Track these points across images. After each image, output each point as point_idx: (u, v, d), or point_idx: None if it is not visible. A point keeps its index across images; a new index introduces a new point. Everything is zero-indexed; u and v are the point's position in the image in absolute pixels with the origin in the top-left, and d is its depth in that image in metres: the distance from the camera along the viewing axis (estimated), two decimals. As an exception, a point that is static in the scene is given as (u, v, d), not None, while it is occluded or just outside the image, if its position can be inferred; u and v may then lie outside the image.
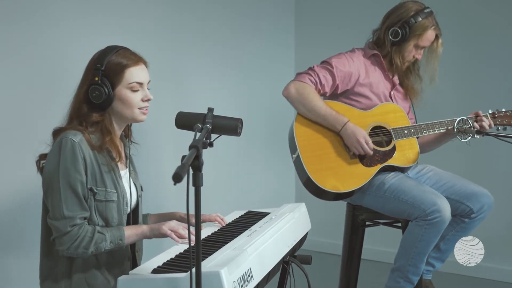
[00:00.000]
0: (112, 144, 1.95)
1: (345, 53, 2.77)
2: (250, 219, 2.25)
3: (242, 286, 1.54)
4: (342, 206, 2.89)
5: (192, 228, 1.68)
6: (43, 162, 1.93)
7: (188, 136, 1.70)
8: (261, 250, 1.73)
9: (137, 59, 1.95)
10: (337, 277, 2.92)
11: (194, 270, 1.44)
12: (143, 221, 2.19)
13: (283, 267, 2.05)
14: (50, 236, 1.88)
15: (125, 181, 2.01)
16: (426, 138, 2.82)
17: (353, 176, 2.61)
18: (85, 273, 1.91)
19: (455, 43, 3.72)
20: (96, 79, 1.88)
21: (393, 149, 2.69)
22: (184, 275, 1.53)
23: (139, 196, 2.09)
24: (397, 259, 2.60)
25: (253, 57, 4.16)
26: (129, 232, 1.91)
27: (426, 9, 2.67)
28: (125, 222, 1.98)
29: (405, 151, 2.70)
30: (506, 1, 3.68)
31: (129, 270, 1.84)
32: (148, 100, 1.98)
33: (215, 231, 2.10)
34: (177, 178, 1.33)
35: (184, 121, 1.82)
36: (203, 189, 1.46)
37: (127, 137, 2.10)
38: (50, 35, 2.81)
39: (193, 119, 1.77)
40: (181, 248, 1.89)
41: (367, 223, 2.84)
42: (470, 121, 2.63)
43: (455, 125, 2.63)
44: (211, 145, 1.61)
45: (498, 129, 2.72)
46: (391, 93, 2.81)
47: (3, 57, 2.63)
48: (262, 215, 2.27)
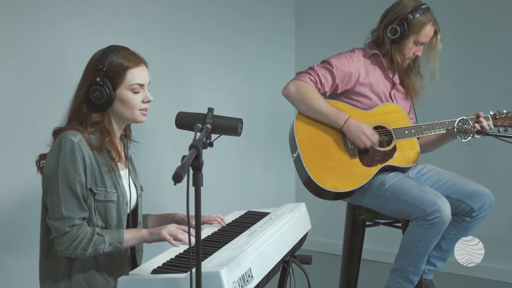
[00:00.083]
0: (111, 144, 1.95)
1: (345, 53, 2.77)
2: (250, 219, 2.25)
3: (242, 286, 1.54)
4: (342, 206, 2.89)
5: (192, 230, 1.67)
6: (43, 162, 1.92)
7: (188, 136, 1.70)
8: (261, 250, 1.73)
9: (138, 60, 1.95)
10: (337, 277, 2.92)
11: (194, 270, 1.44)
12: (143, 221, 2.19)
13: (283, 267, 2.04)
14: (50, 236, 1.88)
15: (125, 181, 2.01)
16: (426, 139, 2.82)
17: (353, 176, 2.61)
18: (85, 273, 1.91)
19: (455, 43, 3.72)
20: (98, 79, 1.88)
21: (394, 149, 2.69)
22: (184, 275, 1.53)
23: (139, 196, 2.09)
24: (397, 259, 2.60)
25: (253, 57, 4.16)
26: (129, 235, 1.91)
27: (423, 5, 2.68)
28: (125, 222, 1.98)
29: (406, 151, 2.70)
30: (506, 1, 3.67)
31: (129, 271, 1.84)
32: (149, 101, 1.98)
33: (215, 231, 2.10)
34: (177, 178, 1.33)
35: (184, 121, 1.82)
36: (203, 189, 1.46)
37: (126, 137, 2.10)
38: (50, 35, 2.80)
39: (193, 119, 1.76)
40: (181, 248, 1.89)
41: (367, 223, 2.84)
42: (471, 121, 2.63)
43: (455, 125, 2.63)
44: (211, 145, 1.60)
45: (499, 130, 2.71)
46: (391, 92, 2.81)
47: (3, 57, 2.62)
48: (262, 215, 2.27)
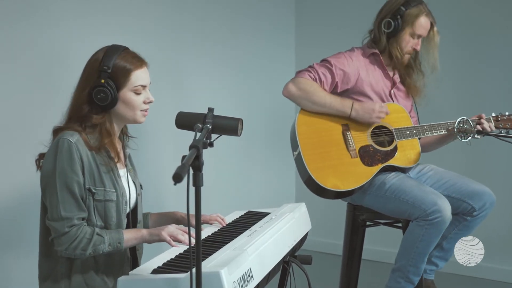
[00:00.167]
0: (111, 145, 1.95)
1: (344, 52, 2.77)
2: (250, 219, 2.25)
3: (242, 286, 1.54)
4: (342, 206, 2.89)
5: (192, 230, 1.67)
6: (42, 161, 1.92)
7: (188, 136, 1.70)
8: (261, 250, 1.73)
9: (141, 62, 1.96)
10: (337, 277, 2.92)
11: (194, 270, 1.44)
12: (143, 220, 2.19)
13: (283, 267, 2.04)
14: (49, 237, 1.87)
15: (124, 180, 2.01)
16: (428, 139, 2.82)
17: (354, 175, 2.61)
18: (84, 274, 1.91)
19: (455, 43, 3.72)
20: (102, 81, 1.88)
21: (395, 149, 2.69)
22: (184, 276, 1.53)
23: (138, 194, 2.09)
24: (397, 259, 2.60)
25: (253, 57, 4.15)
26: (128, 235, 1.90)
27: None
28: (125, 221, 1.98)
29: (407, 152, 2.70)
30: (506, 1, 3.67)
31: (129, 271, 1.84)
32: (150, 102, 1.98)
33: (215, 231, 2.09)
34: (177, 178, 1.33)
35: (184, 121, 1.82)
36: (203, 189, 1.46)
37: (123, 134, 2.10)
38: (50, 35, 2.80)
39: (193, 119, 1.76)
40: (181, 248, 1.88)
41: (367, 223, 2.84)
42: (471, 122, 2.63)
43: (456, 125, 2.63)
44: (211, 145, 1.60)
45: (500, 132, 2.71)
46: (392, 91, 2.81)
47: (3, 57, 2.62)
48: (262, 215, 2.27)
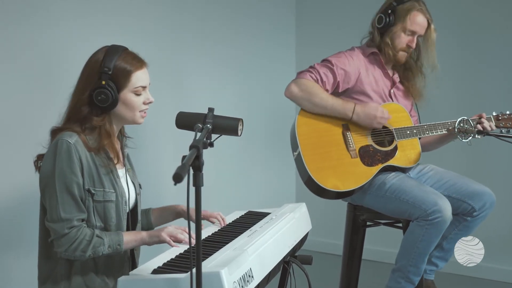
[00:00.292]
0: (110, 146, 1.94)
1: (344, 51, 2.77)
2: (250, 219, 2.25)
3: (242, 287, 1.54)
4: (342, 206, 2.89)
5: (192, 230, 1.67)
6: (40, 162, 1.92)
7: (188, 136, 1.70)
8: (261, 250, 1.73)
9: (141, 63, 1.95)
10: (337, 277, 2.92)
11: (194, 270, 1.44)
12: (145, 216, 2.20)
13: (284, 267, 2.04)
14: (48, 238, 1.87)
15: (123, 181, 2.01)
16: (428, 138, 2.81)
17: (354, 175, 2.61)
18: (84, 275, 1.91)
19: (455, 43, 3.73)
20: (103, 82, 1.88)
21: (395, 149, 2.69)
22: (184, 276, 1.53)
23: (137, 194, 2.09)
24: (398, 260, 2.60)
25: (253, 57, 4.15)
26: (128, 237, 1.90)
27: None
28: (124, 222, 1.98)
29: (407, 151, 2.70)
30: (506, 1, 3.67)
31: (129, 271, 1.84)
32: (150, 102, 1.98)
33: (215, 231, 2.09)
34: (177, 178, 1.33)
35: (185, 121, 1.82)
36: (203, 189, 1.46)
37: (121, 134, 2.10)
38: (50, 35, 2.80)
39: (194, 119, 1.76)
40: (181, 248, 1.89)
41: (368, 223, 2.84)
42: (472, 121, 2.62)
43: (456, 125, 2.62)
44: (211, 145, 1.60)
45: (501, 131, 2.70)
46: (391, 91, 2.81)
47: (3, 57, 2.62)
48: (263, 215, 2.27)
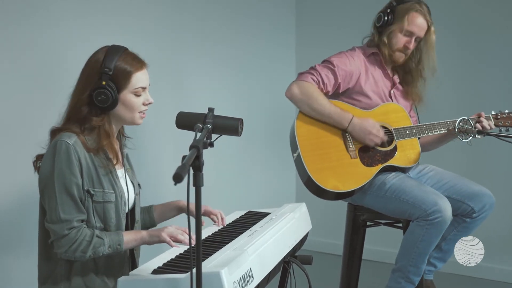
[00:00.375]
0: (110, 146, 1.94)
1: (345, 51, 2.77)
2: (250, 219, 2.25)
3: (242, 287, 1.54)
4: (343, 206, 2.89)
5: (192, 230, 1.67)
6: (39, 162, 1.92)
7: (188, 136, 1.70)
8: (261, 251, 1.73)
9: (141, 63, 1.95)
10: (337, 277, 2.92)
11: (194, 270, 1.44)
12: (148, 213, 2.21)
13: (284, 268, 2.04)
14: (48, 239, 1.87)
15: (122, 181, 2.01)
16: (427, 138, 2.81)
17: (353, 176, 2.61)
18: (84, 276, 1.90)
19: (455, 43, 3.73)
20: (104, 83, 1.87)
21: (395, 149, 2.68)
22: (184, 276, 1.53)
23: (136, 194, 2.09)
24: (398, 260, 2.60)
25: (253, 57, 4.15)
26: (128, 237, 1.90)
27: None
28: (124, 222, 1.98)
29: (407, 151, 2.70)
30: (506, 1, 3.67)
31: (129, 271, 1.84)
32: (150, 103, 1.98)
33: (215, 231, 2.09)
34: (177, 178, 1.33)
35: (185, 121, 1.82)
36: (203, 189, 1.46)
37: (120, 134, 2.10)
38: (50, 35, 2.80)
39: (194, 119, 1.76)
40: (181, 248, 1.89)
41: (368, 223, 2.84)
42: (472, 121, 2.62)
43: (456, 125, 2.62)
44: (211, 145, 1.60)
45: (500, 130, 2.70)
46: (391, 91, 2.81)
47: (3, 57, 2.62)
48: (263, 215, 2.27)
